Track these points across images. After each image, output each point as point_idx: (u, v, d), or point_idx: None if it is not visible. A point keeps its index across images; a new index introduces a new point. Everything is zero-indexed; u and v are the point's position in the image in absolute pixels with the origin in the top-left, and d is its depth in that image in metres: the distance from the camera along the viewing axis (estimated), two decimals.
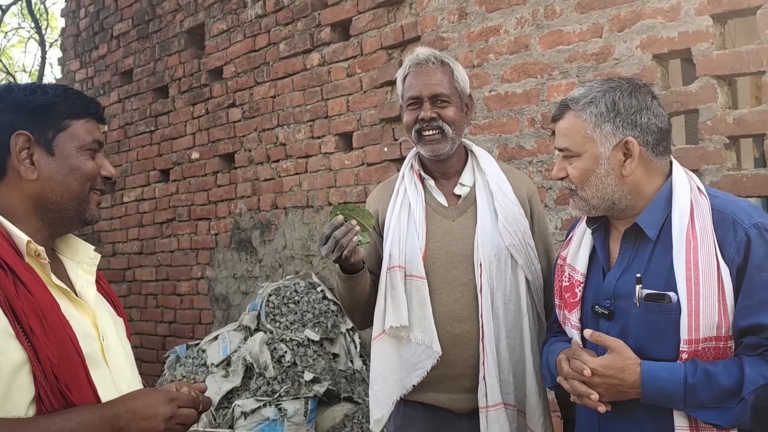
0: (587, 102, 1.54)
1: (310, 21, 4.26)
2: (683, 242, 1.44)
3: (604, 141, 1.52)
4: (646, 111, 1.52)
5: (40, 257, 1.29)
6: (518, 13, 3.18)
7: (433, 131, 1.95)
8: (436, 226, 1.98)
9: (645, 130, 1.51)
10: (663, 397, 1.42)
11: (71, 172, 1.35)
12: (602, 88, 1.55)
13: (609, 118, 1.51)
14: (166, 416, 1.24)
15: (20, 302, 1.18)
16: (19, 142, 1.31)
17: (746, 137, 2.66)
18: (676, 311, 1.43)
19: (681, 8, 2.67)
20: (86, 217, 1.40)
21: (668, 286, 1.46)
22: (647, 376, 1.42)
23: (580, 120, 1.54)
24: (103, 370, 1.31)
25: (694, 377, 1.38)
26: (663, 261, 1.48)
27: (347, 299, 1.97)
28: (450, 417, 1.95)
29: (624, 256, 1.57)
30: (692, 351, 1.41)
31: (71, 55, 6.46)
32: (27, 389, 1.16)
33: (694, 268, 1.42)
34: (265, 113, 4.58)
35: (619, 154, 1.52)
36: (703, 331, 1.40)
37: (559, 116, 1.60)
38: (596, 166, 1.53)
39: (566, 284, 1.70)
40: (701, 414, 1.39)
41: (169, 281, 5.35)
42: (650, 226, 1.52)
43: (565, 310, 1.69)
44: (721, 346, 1.41)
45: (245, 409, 3.37)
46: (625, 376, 1.44)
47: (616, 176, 1.52)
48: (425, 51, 2.01)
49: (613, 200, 1.54)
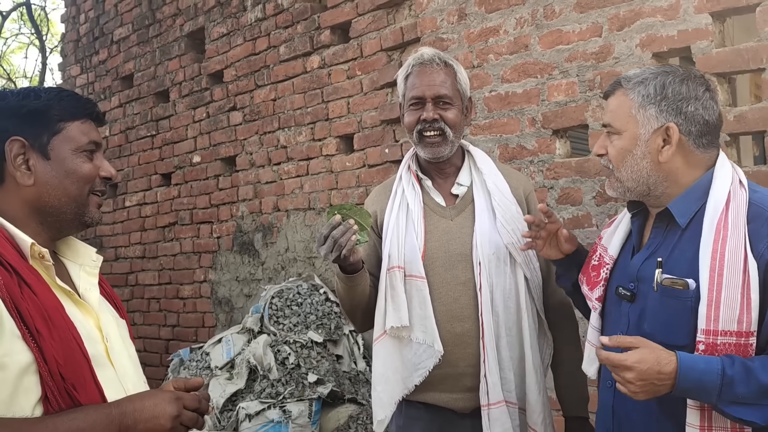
0: (638, 81, 1.52)
1: (310, 24, 4.27)
2: (713, 231, 1.41)
3: (645, 123, 1.50)
4: (695, 101, 1.49)
5: (44, 259, 1.30)
6: (517, 14, 3.18)
7: (434, 132, 1.95)
8: (435, 225, 1.99)
9: (690, 119, 1.48)
10: (698, 388, 1.36)
11: (67, 176, 1.35)
12: (656, 71, 1.53)
13: (655, 101, 1.49)
14: (173, 415, 1.25)
15: (26, 304, 1.19)
16: (14, 148, 1.31)
17: (747, 134, 2.66)
18: (693, 299, 1.41)
19: (680, 6, 2.68)
20: (86, 219, 1.40)
21: (691, 273, 1.43)
22: (684, 366, 1.35)
23: (627, 98, 1.53)
24: (109, 371, 1.31)
25: (732, 369, 1.33)
26: (689, 248, 1.46)
27: (347, 300, 1.97)
28: (452, 416, 1.95)
29: (653, 241, 1.56)
30: (710, 343, 1.38)
31: (72, 61, 6.47)
32: (33, 390, 1.17)
33: (720, 258, 1.39)
34: (266, 116, 4.59)
35: (658, 139, 1.50)
36: (722, 323, 1.37)
37: (610, 93, 1.59)
38: (634, 147, 1.51)
39: (594, 263, 1.70)
40: (735, 410, 1.34)
41: (172, 285, 5.36)
42: (682, 213, 1.50)
43: (587, 286, 1.70)
44: (741, 343, 1.37)
45: (250, 411, 3.37)
46: (661, 368, 1.36)
47: (652, 160, 1.51)
48: (429, 51, 2.01)
49: (648, 185, 1.52)
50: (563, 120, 3.04)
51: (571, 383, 2.04)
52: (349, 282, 1.90)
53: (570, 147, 3.16)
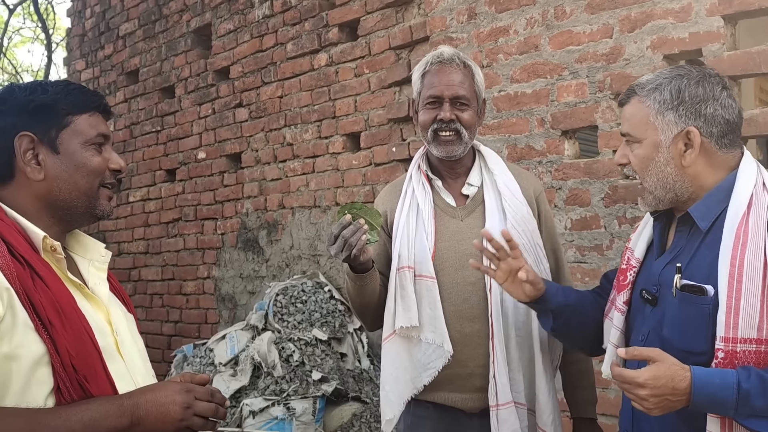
0: (652, 88, 1.50)
1: (318, 21, 4.27)
2: (732, 237, 1.39)
3: (665, 129, 1.47)
4: (713, 101, 1.46)
5: (56, 252, 1.29)
6: (528, 14, 3.18)
7: (449, 132, 1.94)
8: (445, 226, 1.98)
9: (710, 120, 1.45)
10: (714, 403, 1.34)
11: (77, 170, 1.35)
12: (670, 75, 1.51)
13: (672, 106, 1.47)
14: (184, 405, 1.24)
15: (38, 296, 1.19)
16: (23, 143, 1.31)
17: (755, 138, 2.66)
18: (711, 305, 1.39)
19: (692, 9, 2.68)
20: (97, 212, 1.40)
21: (709, 279, 1.41)
22: (699, 382, 1.33)
23: (643, 106, 1.50)
24: (119, 364, 1.31)
25: (748, 383, 1.30)
26: (709, 253, 1.44)
27: (357, 300, 1.96)
28: (460, 416, 1.94)
29: (676, 245, 1.54)
30: (729, 351, 1.35)
31: (77, 55, 6.47)
32: (46, 381, 1.16)
33: (739, 264, 1.36)
34: (272, 113, 4.59)
35: (680, 144, 1.47)
36: (741, 330, 1.34)
37: (625, 101, 1.56)
38: (656, 154, 1.49)
39: (623, 267, 1.68)
40: (753, 423, 1.32)
41: (175, 281, 5.36)
42: (703, 217, 1.47)
43: (615, 291, 1.68)
44: (762, 350, 1.34)
45: (254, 408, 3.37)
46: (675, 384, 1.33)
47: (676, 165, 1.48)
48: (449, 50, 1.99)
49: (675, 191, 1.50)
50: (572, 121, 3.03)
51: (579, 384, 2.04)
52: (359, 281, 1.89)
53: (579, 148, 3.15)
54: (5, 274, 1.17)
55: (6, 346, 1.14)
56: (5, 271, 1.17)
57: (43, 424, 1.12)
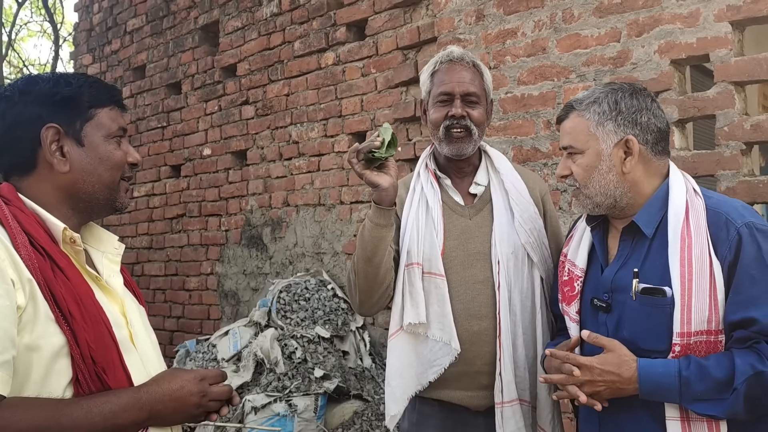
0: (590, 102, 1.62)
1: (326, 20, 4.28)
2: (678, 240, 1.51)
3: (605, 138, 1.60)
4: (646, 111, 1.60)
5: (75, 244, 1.31)
6: (536, 16, 3.19)
7: (460, 129, 1.96)
8: (453, 224, 2.00)
9: (645, 129, 1.59)
10: (660, 390, 1.48)
11: (101, 162, 1.36)
12: (605, 90, 1.64)
13: (611, 116, 1.59)
14: (200, 394, 1.29)
15: (59, 287, 1.20)
16: (49, 135, 1.31)
17: (761, 143, 2.67)
18: (670, 305, 1.50)
19: (700, 14, 2.69)
20: (117, 204, 1.42)
21: (663, 281, 1.53)
22: (643, 371, 1.49)
23: (583, 119, 1.62)
24: (134, 356, 1.33)
25: (688, 370, 1.45)
26: (658, 258, 1.55)
27: (371, 249, 1.84)
28: (466, 414, 1.96)
29: (622, 253, 1.64)
30: (684, 344, 1.48)
31: (84, 50, 6.49)
32: (65, 372, 1.18)
33: (688, 264, 1.49)
34: (279, 111, 4.60)
35: (620, 152, 1.59)
36: (694, 324, 1.47)
37: (564, 117, 1.68)
38: (598, 163, 1.60)
39: (566, 279, 1.77)
40: (697, 406, 1.46)
41: (178, 276, 5.37)
42: (647, 224, 1.59)
43: (564, 303, 1.77)
44: (711, 340, 1.48)
45: (256, 404, 3.38)
46: (621, 372, 1.51)
47: (617, 173, 1.60)
48: (458, 50, 2.03)
49: (615, 197, 1.61)
50: None
51: None
52: (380, 218, 1.83)
53: None
54: (27, 266, 1.18)
55: (27, 336, 1.15)
56: (27, 263, 1.18)
57: (66, 415, 1.14)
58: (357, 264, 1.92)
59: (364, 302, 1.96)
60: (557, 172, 1.70)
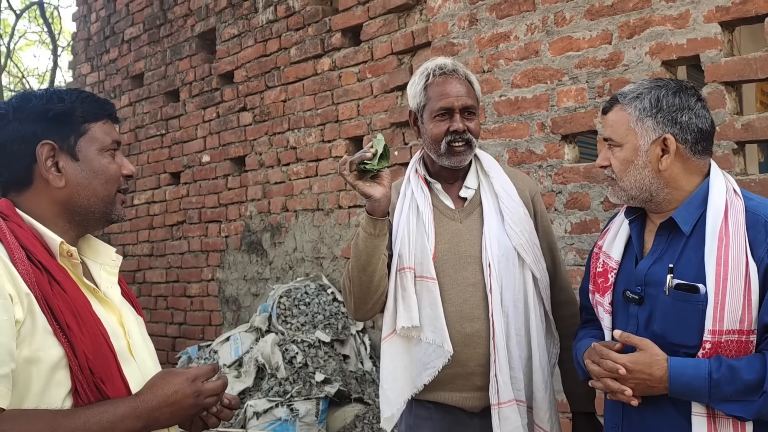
0: (634, 97, 1.62)
1: (321, 26, 4.31)
2: (715, 240, 1.51)
3: (644, 134, 1.60)
4: (688, 110, 1.59)
5: (72, 257, 1.33)
6: (528, 20, 3.22)
7: (461, 143, 1.98)
8: (444, 228, 2.02)
9: (684, 128, 1.58)
10: (689, 391, 1.49)
11: (96, 176, 1.38)
12: (650, 86, 1.63)
13: (651, 113, 1.59)
14: (194, 394, 1.31)
15: (56, 300, 1.23)
16: (44, 151, 1.33)
17: (753, 142, 2.70)
18: (703, 302, 1.50)
19: (690, 15, 2.71)
20: (113, 217, 1.44)
21: (697, 278, 1.53)
22: (674, 372, 1.50)
23: (625, 113, 1.63)
24: (132, 366, 1.35)
25: (718, 372, 1.46)
26: (694, 255, 1.56)
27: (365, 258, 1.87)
28: (461, 416, 1.97)
29: (657, 247, 1.65)
30: (715, 341, 1.49)
31: (82, 59, 6.52)
32: (64, 383, 1.21)
33: (724, 264, 1.49)
34: (276, 117, 4.63)
35: (657, 149, 1.59)
36: (726, 323, 1.48)
37: (608, 108, 1.69)
38: (635, 157, 1.61)
39: (600, 270, 1.78)
40: (725, 407, 1.47)
41: (180, 283, 5.40)
42: (685, 221, 1.59)
43: (597, 294, 1.78)
44: (743, 340, 1.48)
45: (257, 409, 3.41)
46: (653, 371, 1.52)
47: (653, 169, 1.60)
48: (449, 61, 2.03)
49: (651, 192, 1.62)
50: (572, 125, 3.07)
51: (578, 380, 2.08)
52: (373, 228, 1.86)
53: (578, 152, 3.20)
54: (25, 280, 1.21)
55: (26, 349, 1.18)
56: (25, 277, 1.21)
57: (64, 425, 1.16)
58: (351, 272, 1.94)
59: (359, 308, 1.99)
60: (597, 162, 1.72)
